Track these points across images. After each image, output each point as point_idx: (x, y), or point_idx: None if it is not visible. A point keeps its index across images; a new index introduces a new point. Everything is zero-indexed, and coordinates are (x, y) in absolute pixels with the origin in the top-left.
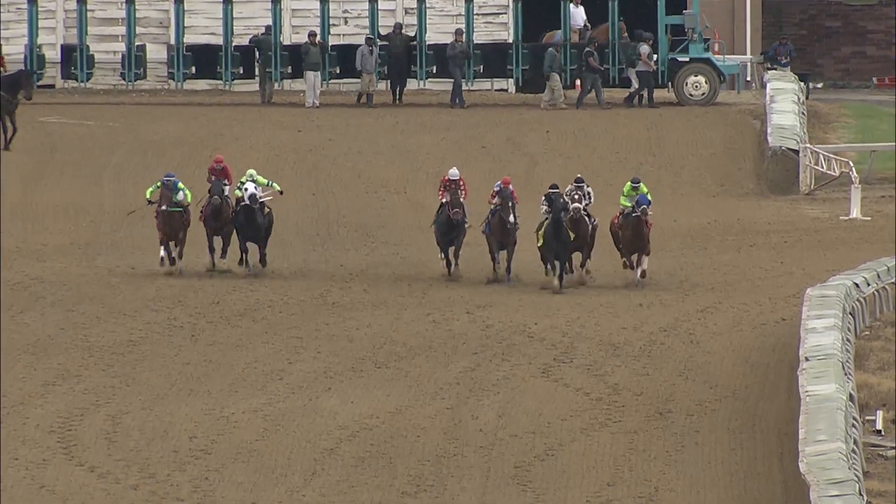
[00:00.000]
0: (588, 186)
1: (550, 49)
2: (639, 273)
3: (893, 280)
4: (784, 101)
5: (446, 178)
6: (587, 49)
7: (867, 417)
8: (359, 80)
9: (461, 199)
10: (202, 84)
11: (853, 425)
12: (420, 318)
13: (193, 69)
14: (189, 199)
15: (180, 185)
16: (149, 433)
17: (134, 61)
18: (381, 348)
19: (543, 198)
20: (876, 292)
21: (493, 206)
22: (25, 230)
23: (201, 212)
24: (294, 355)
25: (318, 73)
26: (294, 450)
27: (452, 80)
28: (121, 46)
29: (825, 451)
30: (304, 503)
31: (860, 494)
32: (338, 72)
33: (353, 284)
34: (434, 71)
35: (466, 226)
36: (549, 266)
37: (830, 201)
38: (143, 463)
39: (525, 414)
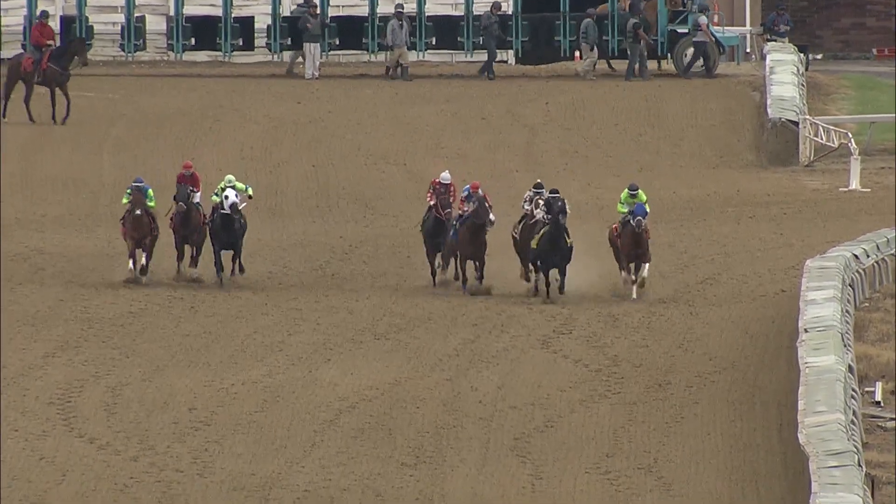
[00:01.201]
0: (547, 192)
1: (587, 19)
2: (637, 282)
3: (893, 251)
4: (784, 73)
5: (437, 181)
6: (635, 21)
7: (866, 389)
8: (359, 52)
9: (450, 201)
10: (202, 56)
11: (852, 397)
12: (419, 290)
13: (193, 40)
14: (154, 205)
15: (150, 191)
16: (148, 405)
17: (133, 32)
18: (380, 320)
19: (542, 203)
20: (875, 264)
21: (461, 213)
22: (25, 201)
23: (171, 220)
24: (293, 327)
25: (318, 44)
26: (294, 421)
27: (484, 51)
28: (120, 17)
29: (824, 423)
30: (303, 474)
31: (859, 465)
32: (337, 43)
33: (352, 256)
34: (434, 42)
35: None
36: (539, 273)
37: (830, 173)
38: (142, 434)
39: (524, 385)
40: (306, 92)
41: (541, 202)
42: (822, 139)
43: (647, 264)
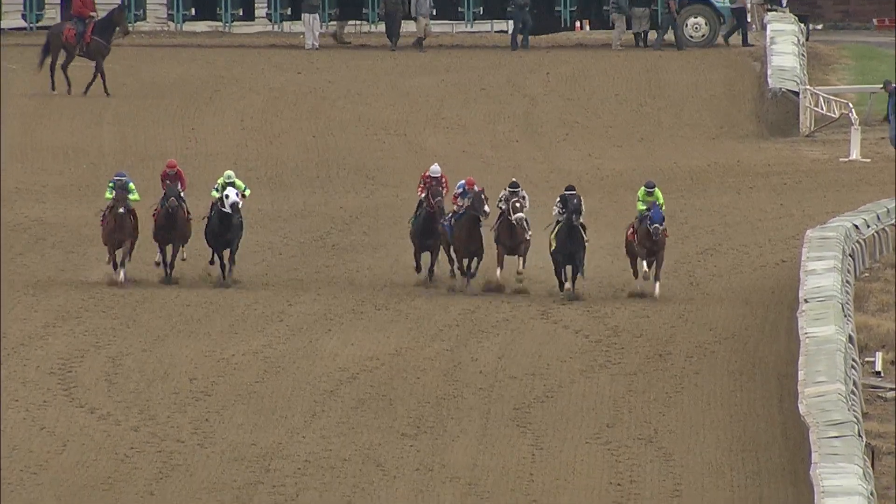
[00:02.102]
0: (522, 191)
1: None
2: (652, 276)
3: (893, 222)
4: (784, 43)
5: (427, 174)
6: None
7: (867, 359)
8: (359, 23)
9: (442, 196)
10: (202, 26)
11: (852, 367)
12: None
13: (193, 11)
14: (138, 199)
15: (131, 185)
16: (149, 375)
17: (134, 2)
18: (381, 290)
19: (558, 199)
20: (876, 234)
21: (457, 209)
22: (25, 171)
23: (154, 215)
24: (294, 297)
25: (317, 15)
26: (294, 391)
27: (512, 22)
28: None
29: (824, 393)
30: (304, 444)
31: (859, 436)
32: (337, 14)
33: (353, 226)
34: (434, 13)
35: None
36: (561, 271)
37: (830, 143)
38: (143, 404)
39: (524, 356)
40: (306, 62)
41: (517, 204)
42: (822, 109)
43: (661, 266)
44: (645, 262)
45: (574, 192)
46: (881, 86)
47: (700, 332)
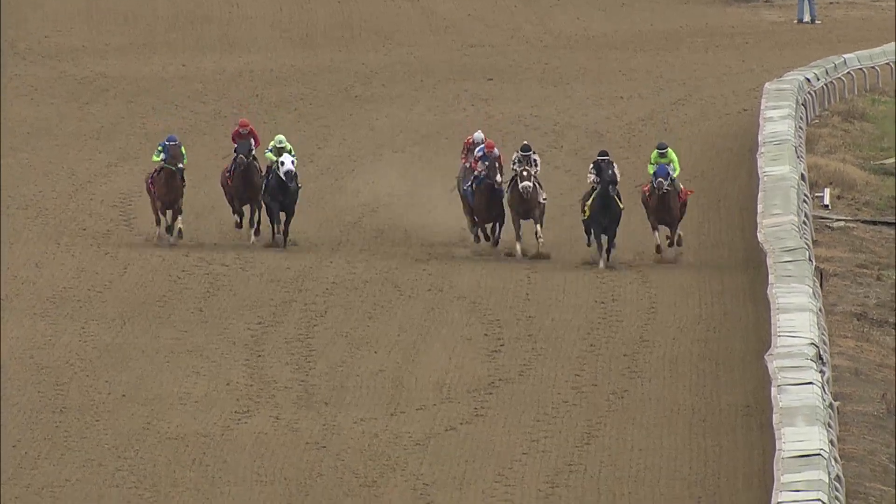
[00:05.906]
0: (535, 154)
1: None
2: (669, 239)
3: (840, 75)
4: None
5: (470, 139)
6: None
7: (816, 194)
8: None
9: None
10: None
11: (804, 201)
12: (431, 110)
13: None
14: (186, 164)
15: (183, 149)
16: (198, 209)
17: None
18: (397, 136)
19: (591, 165)
20: (825, 86)
21: (477, 174)
22: (91, 32)
23: (227, 177)
24: (322, 141)
25: None
26: (323, 223)
27: None
28: None
29: (780, 223)
30: (331, 268)
31: (809, 260)
32: None
33: (373, 80)
34: None
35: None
36: (591, 239)
37: (786, 7)
38: (192, 233)
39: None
40: None
41: (524, 173)
42: None
43: (679, 227)
44: (659, 230)
45: (608, 159)
46: None
47: None
